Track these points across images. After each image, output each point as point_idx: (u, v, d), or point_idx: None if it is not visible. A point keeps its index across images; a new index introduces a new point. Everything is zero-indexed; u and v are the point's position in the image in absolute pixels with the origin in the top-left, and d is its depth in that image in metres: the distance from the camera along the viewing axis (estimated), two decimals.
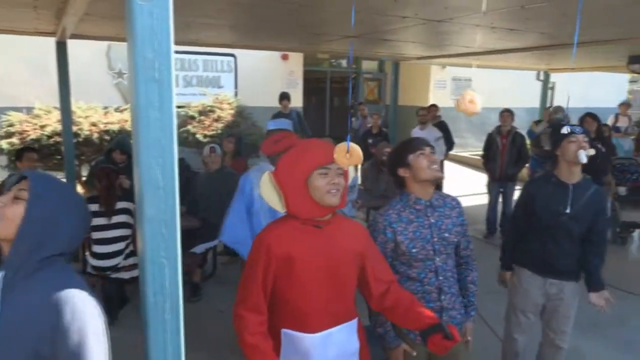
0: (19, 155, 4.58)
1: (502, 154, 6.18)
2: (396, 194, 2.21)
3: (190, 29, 4.81)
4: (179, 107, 8.71)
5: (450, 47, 6.08)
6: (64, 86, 5.06)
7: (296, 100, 10.43)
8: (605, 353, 3.62)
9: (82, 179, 6.64)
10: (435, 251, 2.09)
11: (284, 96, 7.89)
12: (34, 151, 4.69)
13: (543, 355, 2.91)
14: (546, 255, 2.66)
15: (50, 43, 5.04)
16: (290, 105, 8.01)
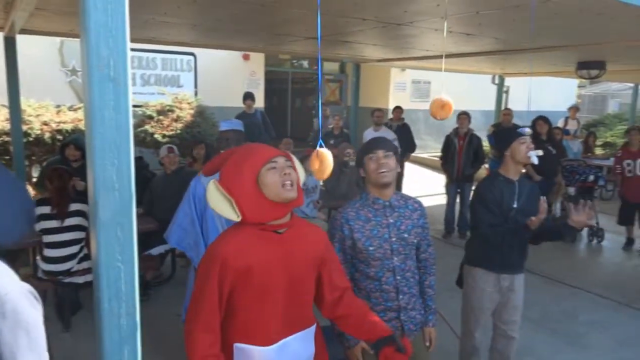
0: None
1: (460, 155, 6.35)
2: (357, 194, 2.24)
3: (149, 27, 4.70)
4: (137, 107, 8.48)
5: (410, 50, 6.20)
6: (13, 83, 4.86)
7: (258, 101, 10.34)
8: (554, 346, 3.77)
9: (33, 180, 6.37)
10: (393, 251, 2.11)
11: (248, 96, 7.81)
12: None
13: (497, 347, 2.99)
14: (500, 252, 2.75)
15: None
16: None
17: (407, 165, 8.39)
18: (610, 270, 5.74)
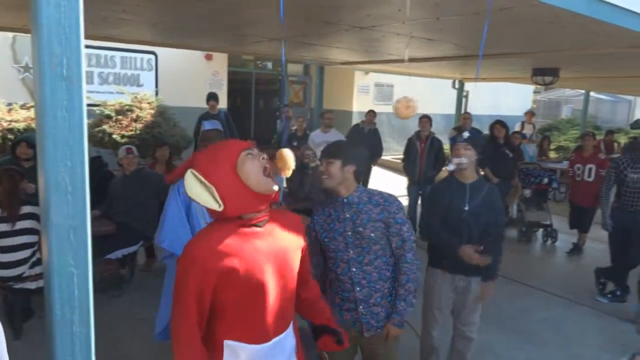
0: None
1: (421, 157, 6.47)
2: (320, 197, 2.30)
3: (107, 24, 4.56)
4: (94, 106, 8.23)
5: (373, 54, 6.27)
6: None
7: (221, 102, 10.18)
8: (510, 344, 3.88)
9: None
10: (347, 244, 2.21)
11: (212, 97, 7.70)
12: None
13: (455, 347, 3.09)
14: (453, 253, 2.82)
15: None
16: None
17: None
18: (563, 270, 5.97)
